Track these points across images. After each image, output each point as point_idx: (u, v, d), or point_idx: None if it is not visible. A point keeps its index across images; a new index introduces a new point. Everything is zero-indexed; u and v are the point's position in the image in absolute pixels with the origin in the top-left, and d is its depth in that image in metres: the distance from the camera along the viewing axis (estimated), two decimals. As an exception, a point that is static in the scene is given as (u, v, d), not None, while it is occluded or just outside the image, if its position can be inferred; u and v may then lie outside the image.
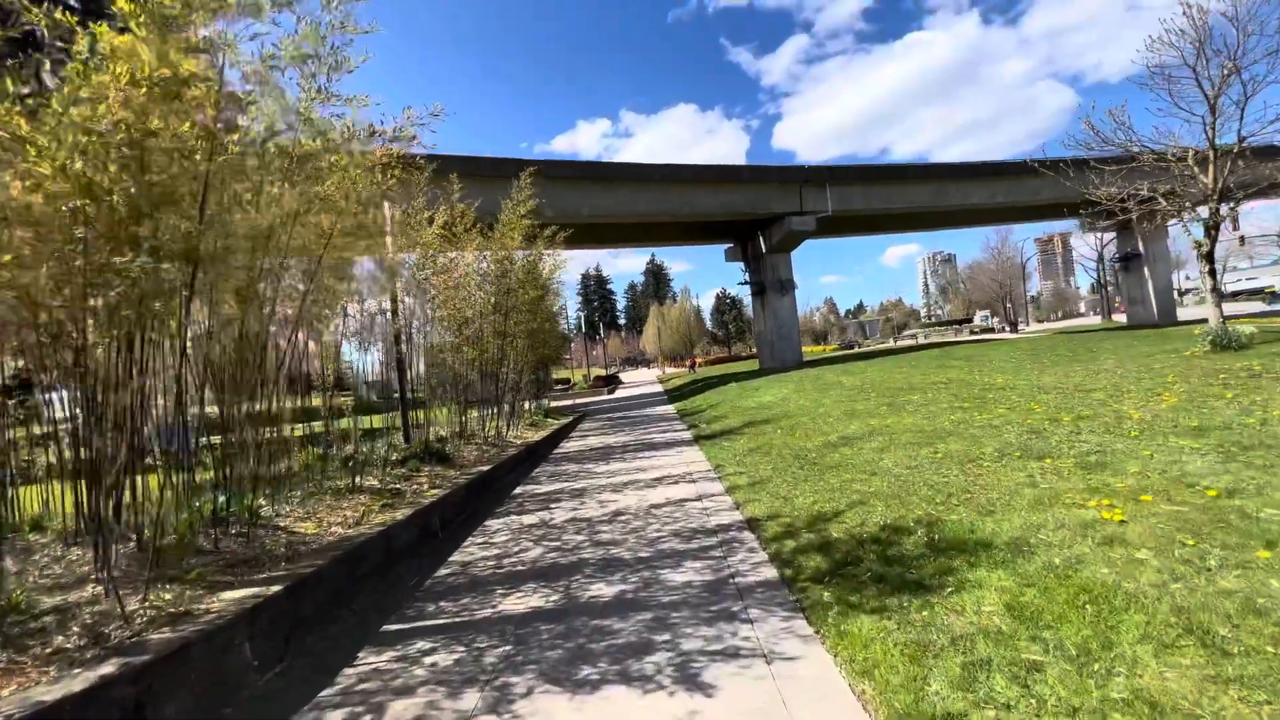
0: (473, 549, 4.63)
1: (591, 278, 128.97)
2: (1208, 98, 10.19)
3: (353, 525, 4.38)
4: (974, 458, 4.99)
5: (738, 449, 7.75)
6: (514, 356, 10.72)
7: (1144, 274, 33.32)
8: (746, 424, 9.87)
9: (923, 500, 4.18)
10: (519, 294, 9.41)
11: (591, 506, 5.68)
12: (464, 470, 7.04)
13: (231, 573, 3.32)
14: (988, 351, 16.31)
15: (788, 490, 5.19)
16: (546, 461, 9.11)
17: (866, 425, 7.39)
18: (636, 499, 5.79)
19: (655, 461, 7.91)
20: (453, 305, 8.21)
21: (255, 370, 4.10)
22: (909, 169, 27.05)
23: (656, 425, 12.62)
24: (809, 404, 10.54)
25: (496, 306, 9.33)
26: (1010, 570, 2.89)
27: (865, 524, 3.95)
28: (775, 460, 6.54)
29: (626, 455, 8.81)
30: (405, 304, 8.63)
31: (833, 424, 8.00)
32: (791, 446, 7.11)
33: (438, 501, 5.31)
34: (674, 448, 9.02)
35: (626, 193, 22.65)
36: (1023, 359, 12.87)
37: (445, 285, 8.28)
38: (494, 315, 9.56)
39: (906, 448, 5.81)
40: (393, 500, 5.28)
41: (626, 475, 7.12)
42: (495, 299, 9.23)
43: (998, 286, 72.01)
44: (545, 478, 7.62)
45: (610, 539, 4.51)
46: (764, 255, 27.24)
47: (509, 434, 10.73)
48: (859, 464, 5.58)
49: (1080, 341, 16.59)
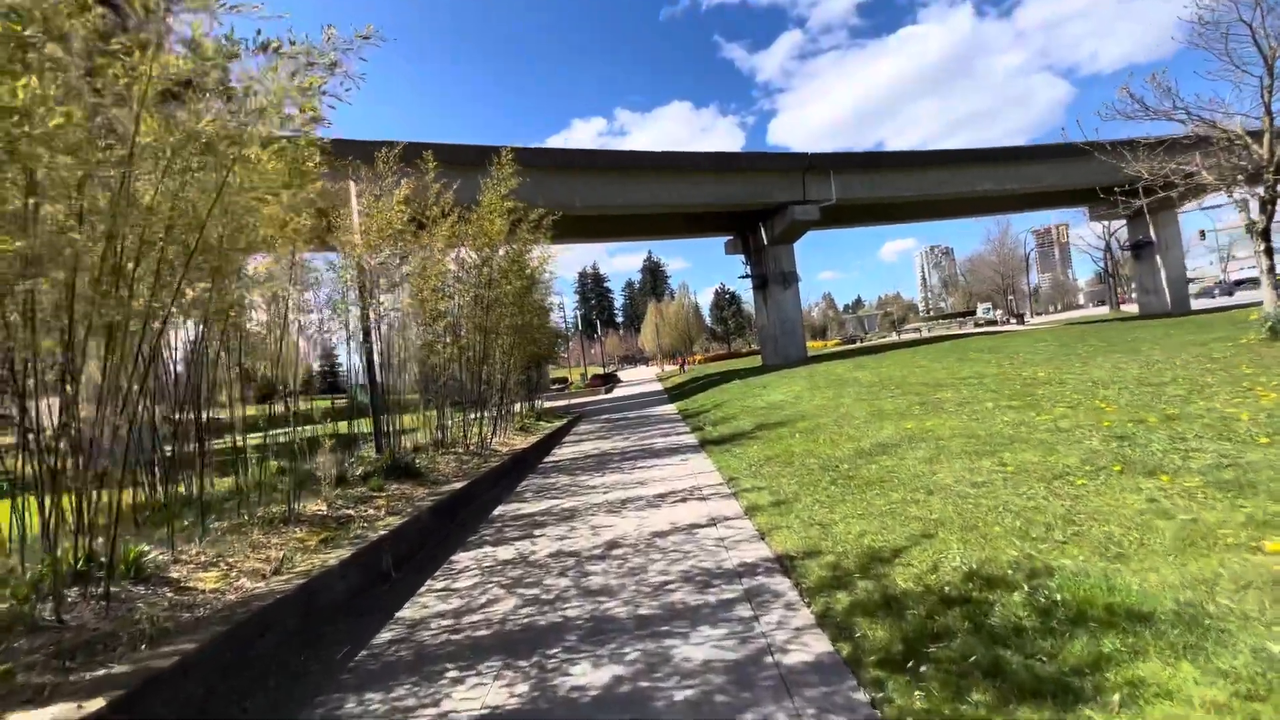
0: (429, 599, 3.64)
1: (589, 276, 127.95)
2: (1265, 57, 9.21)
3: (270, 575, 3.38)
4: (1058, 472, 4.00)
5: (752, 457, 6.76)
6: (499, 355, 9.73)
7: (1156, 262, 32.40)
8: (758, 426, 8.88)
9: (1011, 534, 3.20)
10: (502, 285, 8.41)
11: (582, 534, 4.69)
12: (436, 487, 6.04)
13: (58, 667, 2.32)
14: (1007, 344, 15.34)
15: (823, 514, 4.20)
16: (535, 472, 8.12)
17: (902, 429, 6.40)
18: (636, 523, 4.80)
19: (657, 472, 6.92)
20: (423, 297, 7.21)
21: (128, 371, 3.10)
22: (915, 155, 26.07)
23: (657, 428, 11.64)
24: (826, 403, 9.55)
25: (477, 299, 8.33)
26: (1205, 666, 1.91)
27: (939, 568, 2.97)
28: (799, 472, 5.56)
29: (625, 464, 7.82)
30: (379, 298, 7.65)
31: (860, 427, 7.01)
32: (816, 454, 6.12)
33: (393, 533, 4.32)
34: (678, 454, 8.04)
35: (621, 183, 21.62)
36: (1053, 351, 11.89)
37: (416, 274, 7.28)
38: (476, 309, 8.56)
39: (963, 458, 4.82)
40: (336, 532, 4.29)
41: (624, 490, 6.13)
42: (475, 291, 8.23)
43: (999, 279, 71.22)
44: (531, 494, 6.62)
45: (603, 584, 3.52)
46: (765, 247, 26.25)
47: (495, 440, 9.74)
48: (907, 478, 4.59)
49: (1106, 332, 15.63)
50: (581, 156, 20.82)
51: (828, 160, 24.35)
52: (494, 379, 9.95)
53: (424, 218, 7.84)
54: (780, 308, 26.01)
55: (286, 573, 3.39)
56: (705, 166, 22.90)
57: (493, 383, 9.92)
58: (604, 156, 21.54)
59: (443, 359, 8.10)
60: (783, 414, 9.49)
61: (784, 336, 25.91)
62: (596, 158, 21.22)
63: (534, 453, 9.41)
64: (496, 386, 10.15)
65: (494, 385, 10.06)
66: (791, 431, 7.79)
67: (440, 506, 5.28)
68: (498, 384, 10.04)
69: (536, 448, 9.72)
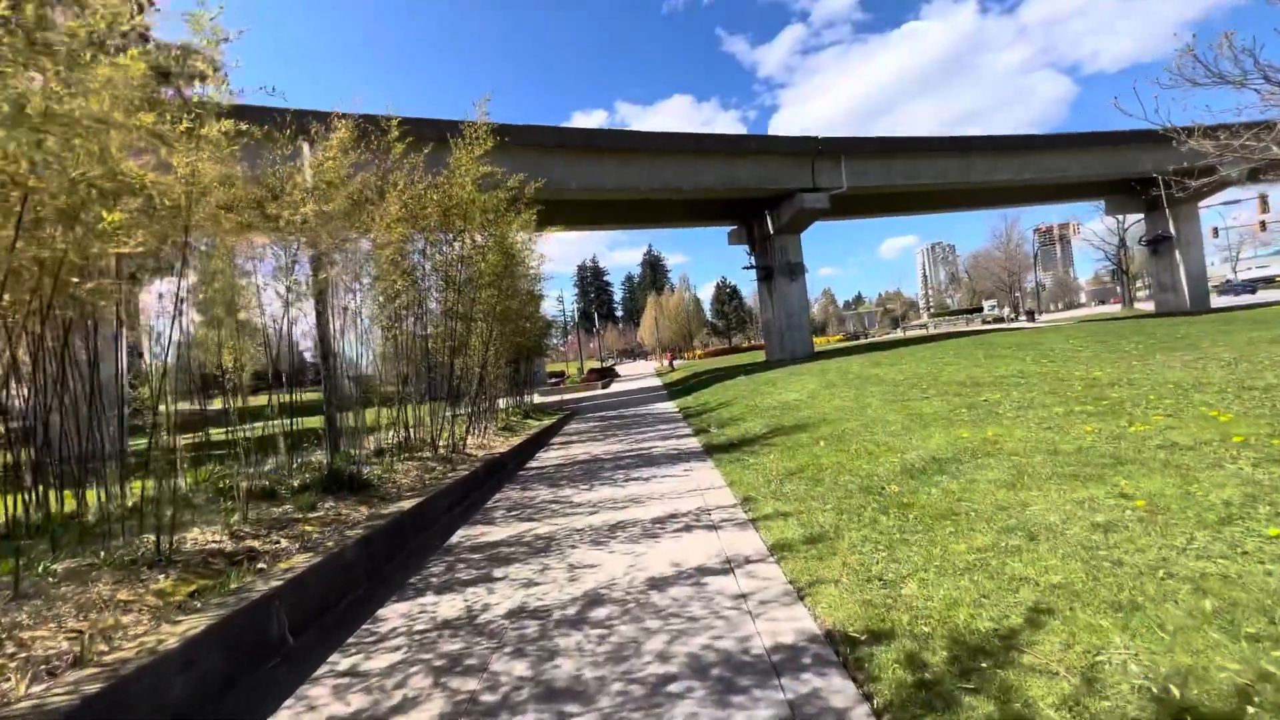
0: (320, 693, 2.50)
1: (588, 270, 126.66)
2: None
3: (66, 668, 2.23)
4: (1221, 513, 2.86)
5: (769, 469, 5.63)
6: (477, 344, 8.57)
7: (1175, 258, 31.28)
8: (772, 430, 7.75)
9: (1204, 622, 2.06)
10: (477, 263, 7.23)
11: (556, 578, 3.55)
12: (382, 506, 4.90)
13: None
14: (1036, 340, 14.18)
15: (881, 561, 3.07)
16: (513, 482, 6.97)
17: (954, 438, 5.26)
18: (627, 564, 3.67)
19: (656, 486, 5.79)
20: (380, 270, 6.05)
21: None
22: (933, 141, 24.81)
23: (656, 429, 10.49)
24: (848, 404, 8.41)
25: (448, 280, 7.17)
26: None
27: (1104, 679, 1.84)
28: (834, 493, 4.42)
29: (618, 474, 6.68)
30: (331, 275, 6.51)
31: (899, 435, 5.87)
32: (851, 469, 4.98)
33: (296, 580, 3.17)
34: (679, 462, 6.90)
35: (619, 165, 20.40)
36: (1095, 348, 10.73)
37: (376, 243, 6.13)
38: (448, 290, 7.39)
39: (1056, 482, 3.68)
40: (218, 580, 3.14)
41: (615, 511, 5.00)
42: (446, 269, 7.06)
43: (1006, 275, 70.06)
44: (502, 513, 5.47)
45: (573, 676, 2.39)
46: (771, 237, 25.07)
47: (472, 441, 8.60)
48: (987, 511, 3.46)
49: (1144, 329, 14.47)
50: (578, 136, 19.59)
51: (839, 145, 23.12)
52: (471, 372, 8.80)
53: (384, 185, 6.67)
54: (786, 301, 24.85)
55: (93, 663, 2.24)
56: (710, 148, 21.69)
57: (469, 376, 8.77)
58: (603, 136, 20.31)
59: (406, 348, 6.94)
60: (799, 416, 8.35)
61: (790, 331, 24.77)
62: (595, 138, 19.99)
63: (515, 457, 8.27)
64: (474, 381, 9.00)
65: (471, 379, 8.91)
66: (813, 438, 6.65)
67: (378, 535, 4.13)
68: (474, 378, 8.90)
69: (518, 451, 8.57)
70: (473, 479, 6.41)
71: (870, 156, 23.87)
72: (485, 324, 8.18)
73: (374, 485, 5.56)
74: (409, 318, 7.26)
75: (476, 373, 8.93)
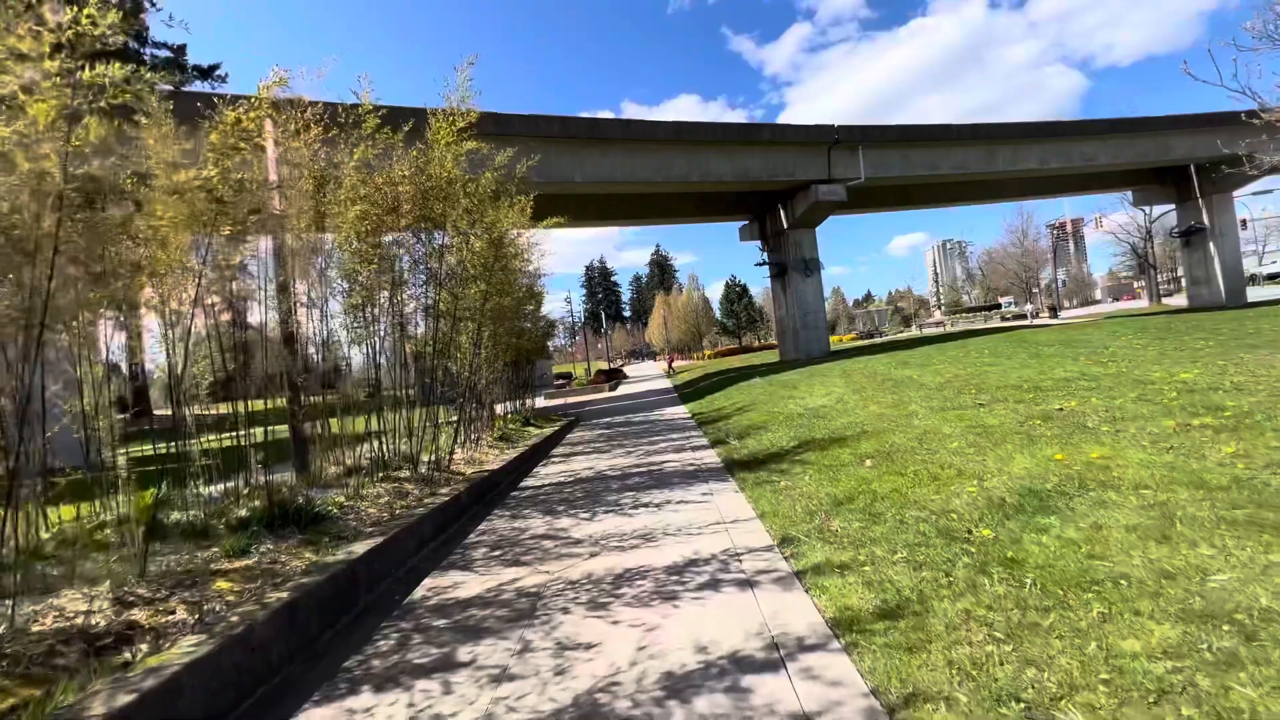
0: None
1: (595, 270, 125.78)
2: None
3: None
4: None
5: (808, 495, 4.63)
6: (467, 345, 7.63)
7: (1209, 250, 29.82)
8: (802, 444, 6.74)
9: None
10: (461, 252, 6.26)
11: (538, 668, 2.58)
12: (332, 550, 3.95)
13: None
14: (1078, 337, 13.02)
15: (1007, 661, 2.08)
16: (502, 506, 6.00)
17: (1042, 460, 4.23)
18: (635, 641, 2.71)
19: (670, 517, 4.80)
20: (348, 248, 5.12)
21: None
22: (955, 129, 23.62)
23: (667, 438, 9.50)
24: (887, 412, 7.37)
25: (430, 275, 6.22)
26: None
27: None
28: (899, 533, 3.42)
29: (624, 497, 5.70)
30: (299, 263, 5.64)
31: (965, 453, 4.84)
32: (916, 499, 3.97)
33: (163, 689, 2.22)
34: (697, 483, 5.91)
35: (626, 157, 19.43)
36: (1160, 345, 9.60)
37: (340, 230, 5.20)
38: (430, 285, 6.45)
39: (1235, 534, 2.66)
40: (44, 691, 2.19)
41: (620, 553, 4.02)
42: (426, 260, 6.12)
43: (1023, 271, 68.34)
44: (483, 552, 4.51)
45: None
46: (785, 231, 24.00)
47: (461, 456, 7.65)
48: (1145, 580, 2.44)
49: (1198, 324, 13.27)
50: (583, 126, 18.62)
51: (857, 134, 22.01)
52: (462, 377, 7.86)
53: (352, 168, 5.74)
54: (801, 298, 23.77)
55: None
56: (721, 138, 20.65)
57: (460, 381, 7.83)
58: (609, 126, 19.33)
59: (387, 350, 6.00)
60: (831, 426, 7.32)
61: (805, 330, 23.69)
62: (601, 128, 19.00)
63: (509, 473, 7.31)
64: (466, 387, 8.06)
65: (463, 387, 7.97)
66: (856, 454, 5.63)
67: (309, 599, 3.17)
68: (466, 384, 7.96)
69: (514, 466, 7.62)
70: (454, 505, 5.46)
71: (889, 146, 22.72)
72: (474, 323, 7.22)
73: (330, 518, 4.62)
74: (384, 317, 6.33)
75: (467, 377, 7.99)
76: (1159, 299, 42.16)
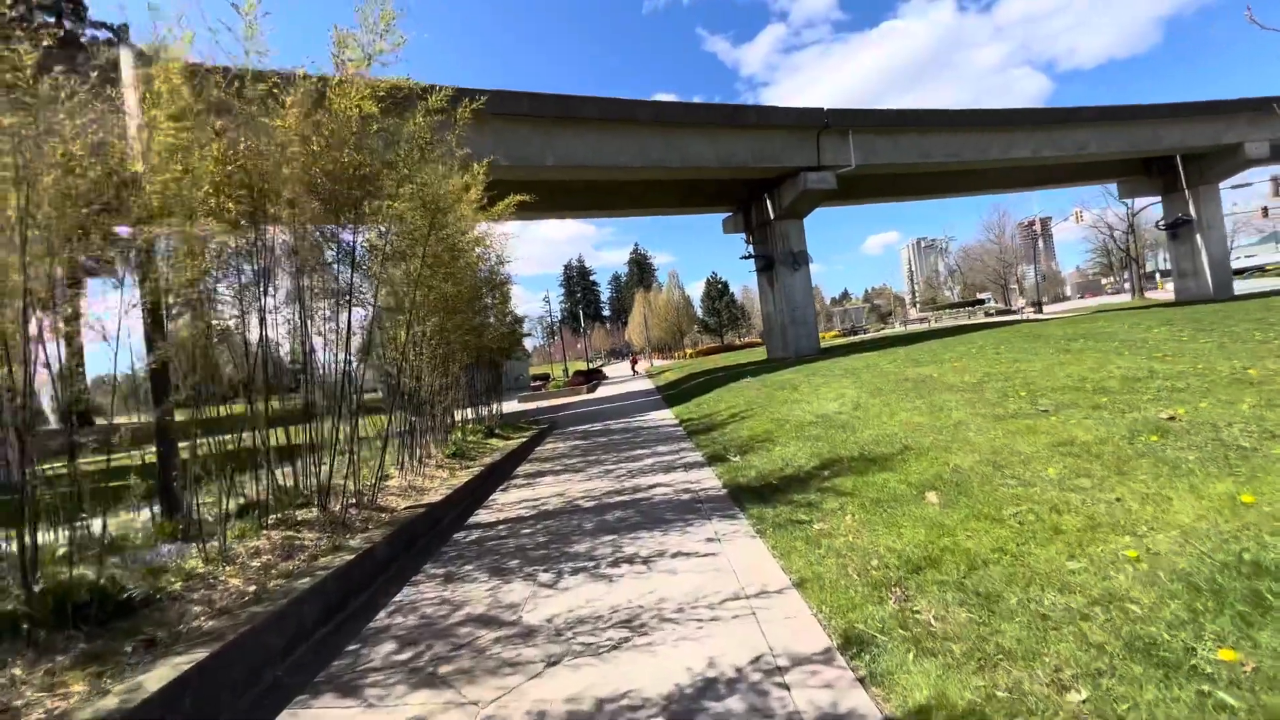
0: None
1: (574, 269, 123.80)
2: None
3: None
4: None
5: (863, 550, 3.22)
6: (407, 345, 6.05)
7: (1196, 243, 29.44)
8: (826, 464, 5.34)
9: None
10: (381, 213, 4.67)
11: None
12: (115, 679, 2.41)
13: None
14: (1097, 329, 11.91)
15: None
16: (434, 561, 4.47)
17: (1216, 500, 2.89)
18: None
19: (666, 583, 3.35)
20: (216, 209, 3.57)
21: None
22: (950, 114, 22.60)
23: (654, 452, 8.04)
24: (925, 421, 6.02)
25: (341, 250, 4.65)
26: None
27: None
28: (1054, 644, 2.01)
29: (601, 544, 4.23)
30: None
31: (1080, 485, 3.48)
32: (1047, 572, 2.58)
33: None
34: (697, 521, 4.47)
35: (601, 138, 17.93)
36: (1205, 337, 8.46)
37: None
38: (344, 264, 4.89)
39: None
40: None
41: (593, 658, 2.55)
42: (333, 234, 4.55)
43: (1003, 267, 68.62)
44: (380, 659, 2.98)
45: None
46: (771, 222, 22.75)
47: (397, 482, 6.09)
48: None
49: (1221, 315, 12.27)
50: (554, 104, 17.02)
51: (848, 117, 20.83)
52: (401, 382, 6.29)
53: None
54: (789, 293, 22.54)
55: None
56: (706, 120, 19.28)
57: (399, 388, 6.26)
58: (585, 105, 17.74)
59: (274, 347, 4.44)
60: (859, 439, 5.94)
61: (794, 326, 22.46)
62: (574, 105, 17.43)
63: (455, 506, 5.79)
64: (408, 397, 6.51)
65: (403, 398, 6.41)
66: (908, 483, 4.24)
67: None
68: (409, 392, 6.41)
69: (464, 494, 6.10)
70: (363, 564, 3.92)
71: (882, 130, 21.57)
72: (411, 315, 5.68)
73: (154, 604, 3.07)
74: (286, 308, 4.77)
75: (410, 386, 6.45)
76: (1142, 293, 42.09)
